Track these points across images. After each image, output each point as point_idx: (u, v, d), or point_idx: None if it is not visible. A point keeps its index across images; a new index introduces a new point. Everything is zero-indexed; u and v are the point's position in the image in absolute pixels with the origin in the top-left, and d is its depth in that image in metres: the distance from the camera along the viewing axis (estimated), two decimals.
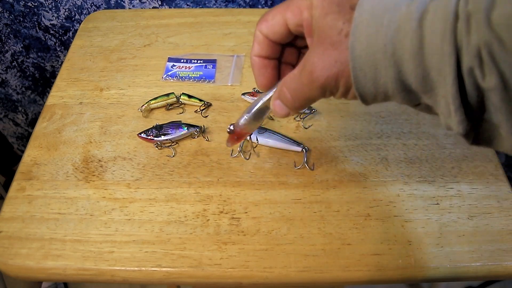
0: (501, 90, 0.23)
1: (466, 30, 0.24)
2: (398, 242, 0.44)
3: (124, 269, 0.42)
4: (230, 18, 0.71)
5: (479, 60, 0.23)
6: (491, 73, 0.23)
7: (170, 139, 0.52)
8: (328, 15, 0.30)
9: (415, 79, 0.27)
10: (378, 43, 0.28)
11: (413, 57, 0.26)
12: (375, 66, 0.28)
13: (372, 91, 0.30)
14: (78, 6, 0.83)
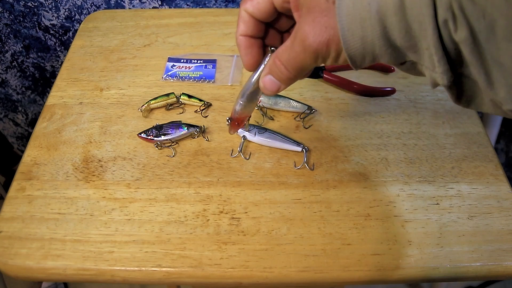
0: (471, 43, 0.25)
1: None
2: (398, 242, 0.44)
3: (124, 269, 0.42)
4: (230, 18, 0.71)
5: (452, 13, 0.25)
6: (461, 26, 0.25)
7: (170, 139, 0.52)
8: None
9: (399, 33, 0.28)
10: (362, 2, 0.29)
11: (395, 12, 0.28)
12: (361, 25, 0.29)
13: (361, 51, 0.31)
14: (78, 6, 0.83)
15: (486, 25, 0.24)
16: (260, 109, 0.56)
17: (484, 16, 0.24)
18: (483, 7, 0.24)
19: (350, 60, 0.32)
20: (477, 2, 0.24)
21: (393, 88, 0.59)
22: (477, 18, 0.24)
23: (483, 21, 0.24)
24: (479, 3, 0.24)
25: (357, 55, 0.31)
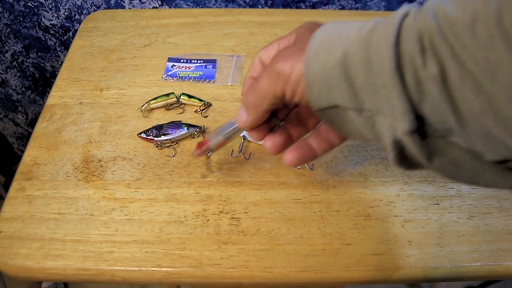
0: (441, 80, 0.23)
1: (413, 19, 0.25)
2: (398, 242, 0.44)
3: (124, 269, 0.42)
4: (230, 18, 0.71)
5: (421, 47, 0.24)
6: (431, 59, 0.24)
7: (170, 139, 0.52)
8: (305, 31, 0.34)
9: (358, 62, 0.27)
10: (333, 30, 0.30)
11: (360, 40, 0.27)
12: (327, 47, 0.29)
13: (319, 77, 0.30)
14: (78, 6, 0.84)
15: (456, 65, 0.23)
16: None
17: (455, 54, 0.23)
18: (452, 44, 0.23)
19: (308, 88, 0.30)
20: (447, 38, 0.23)
21: None
22: (449, 54, 0.23)
23: (454, 61, 0.23)
24: (449, 40, 0.23)
25: (314, 85, 0.30)
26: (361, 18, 0.71)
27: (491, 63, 0.21)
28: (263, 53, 0.38)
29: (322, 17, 0.71)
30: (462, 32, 0.22)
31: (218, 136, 0.44)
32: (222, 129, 0.44)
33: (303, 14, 0.72)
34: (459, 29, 0.22)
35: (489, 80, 0.22)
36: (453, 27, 0.23)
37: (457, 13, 0.23)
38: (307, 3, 0.81)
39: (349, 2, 0.81)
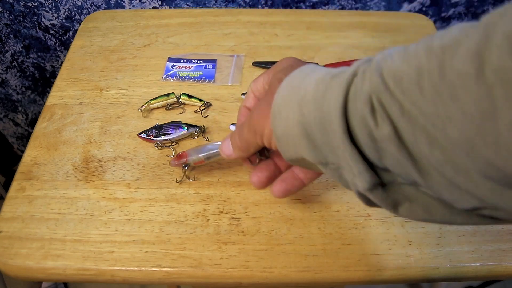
0: (393, 139, 0.23)
1: (361, 79, 0.25)
2: (398, 242, 0.44)
3: (124, 269, 0.42)
4: (230, 18, 0.71)
5: (371, 108, 0.24)
6: (383, 121, 0.23)
7: (170, 139, 0.52)
8: (279, 72, 0.36)
9: (314, 121, 0.28)
10: (294, 87, 0.31)
11: (315, 101, 0.28)
12: (288, 105, 0.30)
13: (284, 134, 0.31)
14: (78, 6, 0.84)
15: (408, 121, 0.22)
16: None
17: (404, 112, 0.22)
18: (401, 101, 0.22)
19: (277, 142, 0.33)
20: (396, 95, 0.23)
21: None
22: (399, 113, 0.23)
23: (404, 117, 0.22)
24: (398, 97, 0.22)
25: (282, 138, 0.32)
26: (361, 18, 0.71)
27: (440, 117, 0.21)
28: (254, 85, 0.41)
29: (322, 17, 0.71)
30: (410, 88, 0.22)
31: (198, 154, 0.47)
32: (205, 149, 0.47)
33: (303, 14, 0.72)
34: (407, 85, 0.22)
35: (441, 133, 0.21)
36: (401, 83, 0.22)
37: (402, 68, 0.23)
38: (307, 3, 0.81)
39: (349, 2, 0.81)
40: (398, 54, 0.24)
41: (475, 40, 0.19)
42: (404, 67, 0.23)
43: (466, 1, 0.81)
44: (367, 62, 0.26)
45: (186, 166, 0.48)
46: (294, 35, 0.68)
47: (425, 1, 0.81)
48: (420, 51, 0.22)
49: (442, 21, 0.85)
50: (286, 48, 0.66)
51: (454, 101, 0.20)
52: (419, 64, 0.22)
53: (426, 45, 0.22)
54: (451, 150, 0.21)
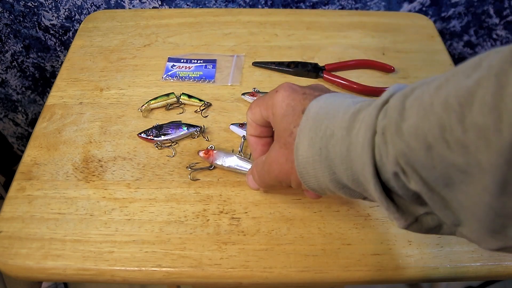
0: (427, 191, 0.24)
1: (383, 142, 0.26)
2: (398, 242, 0.44)
3: (124, 269, 0.42)
4: (230, 18, 0.71)
5: (400, 168, 0.25)
6: (414, 179, 0.24)
7: (170, 139, 0.52)
8: (284, 117, 0.35)
9: (348, 180, 0.30)
10: (315, 146, 0.31)
11: (342, 162, 0.29)
12: (314, 166, 0.32)
13: (317, 186, 0.33)
14: (78, 6, 0.83)
15: (440, 175, 0.23)
16: None
17: (435, 166, 0.23)
18: (431, 159, 0.23)
19: (312, 190, 0.34)
20: (421, 154, 0.23)
21: None
22: (426, 169, 0.23)
23: (435, 171, 0.23)
24: (422, 154, 0.23)
25: (315, 188, 0.33)
26: (361, 18, 0.71)
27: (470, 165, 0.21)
28: (251, 115, 0.40)
29: (322, 17, 0.71)
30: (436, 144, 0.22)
31: (225, 161, 0.49)
32: (233, 160, 0.49)
33: (303, 14, 0.72)
34: (432, 142, 0.22)
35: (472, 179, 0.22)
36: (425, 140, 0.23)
37: (423, 126, 0.23)
38: (307, 3, 0.81)
39: (349, 2, 0.81)
40: (413, 110, 0.24)
41: (489, 91, 0.19)
42: (425, 125, 0.23)
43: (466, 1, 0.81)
44: (383, 117, 0.26)
45: (211, 167, 0.50)
46: (294, 35, 0.68)
47: (425, 1, 0.81)
48: (437, 107, 0.22)
49: (442, 21, 0.85)
50: (286, 48, 0.66)
51: (480, 152, 0.20)
52: (440, 121, 0.22)
53: (442, 100, 0.22)
54: (485, 196, 0.21)
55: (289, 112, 0.35)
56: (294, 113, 0.34)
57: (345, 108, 0.31)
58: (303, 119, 0.33)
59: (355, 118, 0.29)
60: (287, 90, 0.36)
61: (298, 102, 0.35)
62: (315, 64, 0.62)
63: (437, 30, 0.70)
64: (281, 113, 0.35)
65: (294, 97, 0.35)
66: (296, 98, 0.35)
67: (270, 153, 0.37)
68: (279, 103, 0.35)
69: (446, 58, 0.65)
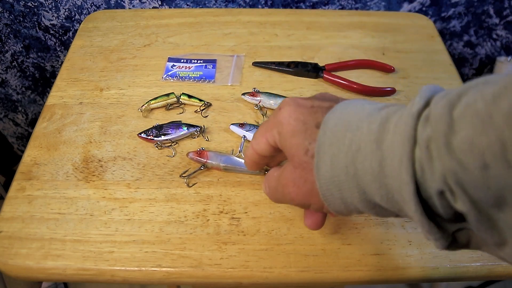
0: (476, 213, 0.22)
1: (428, 156, 0.23)
2: (398, 242, 0.44)
3: (124, 269, 0.42)
4: (230, 18, 0.71)
5: (448, 187, 0.22)
6: (462, 200, 0.22)
7: (170, 139, 0.52)
8: (295, 134, 0.31)
9: (381, 199, 0.26)
10: (340, 164, 0.28)
11: (374, 179, 0.26)
12: (339, 187, 0.28)
13: (344, 208, 0.30)
14: (78, 6, 0.84)
15: (493, 195, 0.21)
16: (260, 109, 0.56)
17: (489, 187, 0.21)
18: (486, 179, 0.20)
19: (336, 213, 0.31)
20: (474, 173, 0.21)
21: (393, 88, 0.59)
22: (478, 189, 0.21)
23: (489, 192, 0.21)
24: (476, 173, 0.20)
25: (341, 210, 0.30)
26: (361, 18, 0.71)
27: None
28: (255, 144, 0.36)
29: (322, 17, 0.71)
30: (495, 164, 0.20)
31: (219, 160, 0.49)
32: (228, 159, 0.49)
33: (303, 14, 0.72)
34: (491, 160, 0.20)
35: None
36: (482, 158, 0.20)
37: (481, 141, 0.20)
38: (307, 3, 0.81)
39: (349, 2, 0.81)
40: (465, 122, 0.21)
41: None
42: (483, 141, 0.20)
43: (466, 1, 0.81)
44: (423, 127, 0.23)
45: (203, 167, 0.49)
46: (294, 35, 0.68)
47: (425, 1, 0.81)
48: (498, 120, 0.19)
49: (442, 21, 0.85)
50: (286, 48, 0.66)
51: None
52: (501, 137, 0.19)
53: (505, 112, 0.19)
54: None
55: (300, 128, 0.31)
56: (307, 128, 0.31)
57: (368, 117, 0.28)
58: (320, 134, 0.29)
59: (384, 128, 0.26)
60: (291, 104, 0.32)
61: (308, 116, 0.31)
62: (315, 64, 0.62)
63: (437, 30, 0.70)
64: (290, 130, 0.31)
65: (302, 111, 0.32)
66: (304, 112, 0.31)
67: (284, 173, 0.33)
68: (286, 119, 0.32)
69: (446, 58, 0.65)
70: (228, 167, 0.49)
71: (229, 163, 0.49)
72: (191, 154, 0.50)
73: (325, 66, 0.62)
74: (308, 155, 0.30)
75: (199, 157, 0.49)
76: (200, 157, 0.49)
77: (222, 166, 0.49)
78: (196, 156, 0.49)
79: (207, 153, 0.49)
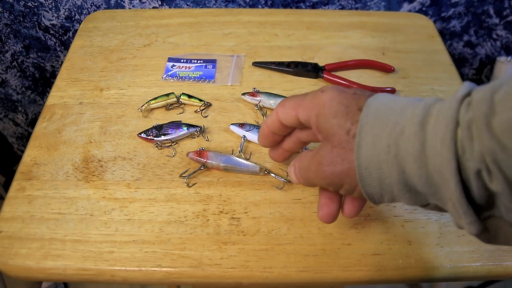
0: (509, 193, 0.23)
1: (468, 137, 0.24)
2: (398, 242, 0.44)
3: (124, 269, 0.42)
4: (230, 18, 0.71)
5: (485, 166, 0.23)
6: (498, 179, 0.23)
7: (170, 139, 0.52)
8: (337, 115, 0.32)
9: (419, 180, 0.27)
10: (382, 143, 0.28)
11: (415, 159, 0.27)
12: (379, 166, 0.29)
13: (378, 190, 0.30)
14: (78, 6, 0.84)
15: None
16: (260, 109, 0.56)
17: None
18: None
19: (368, 196, 0.31)
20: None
21: (393, 88, 0.59)
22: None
23: None
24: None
25: (374, 193, 0.31)
26: (361, 18, 0.71)
27: None
28: (282, 113, 0.37)
29: (322, 17, 0.71)
30: None
31: (219, 160, 0.49)
32: (228, 160, 0.49)
33: (303, 14, 0.72)
34: None
35: None
36: None
37: None
38: (307, 3, 0.81)
39: (349, 2, 0.81)
40: (505, 105, 0.22)
41: None
42: None
43: (466, 1, 0.81)
44: (466, 110, 0.24)
45: (203, 167, 0.49)
46: (294, 35, 0.68)
47: (425, 1, 0.81)
48: None
49: (442, 21, 0.85)
50: (286, 48, 0.66)
51: None
52: None
53: None
54: None
55: (343, 110, 0.32)
56: (349, 110, 0.31)
57: (411, 104, 0.29)
58: (362, 115, 0.30)
59: (428, 112, 0.27)
60: (335, 90, 0.33)
61: (351, 101, 0.32)
62: (315, 64, 0.62)
63: (437, 30, 0.70)
64: (332, 111, 0.32)
65: (345, 96, 0.33)
66: (347, 97, 0.32)
67: (320, 153, 0.33)
68: (328, 102, 0.33)
69: (446, 58, 0.65)
70: (228, 167, 0.49)
71: (229, 163, 0.49)
72: (191, 154, 0.50)
73: (325, 66, 0.62)
74: (350, 134, 0.31)
75: (199, 157, 0.49)
76: (200, 157, 0.49)
77: (222, 166, 0.49)
78: (196, 156, 0.49)
79: (207, 153, 0.49)
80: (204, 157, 0.49)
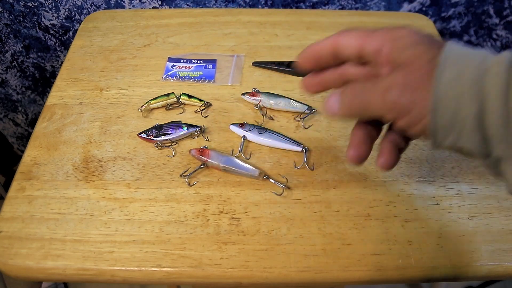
0: None
1: None
2: (398, 242, 0.44)
3: (124, 269, 0.42)
4: (230, 18, 0.71)
5: None
6: None
7: (170, 139, 0.52)
8: (420, 44, 0.31)
9: (498, 119, 0.26)
10: (466, 76, 0.28)
11: (498, 96, 0.26)
12: (458, 98, 0.28)
13: (448, 126, 0.29)
14: (78, 6, 0.83)
15: None
16: (260, 109, 0.56)
17: None
18: None
19: (432, 132, 0.30)
20: None
21: None
22: None
23: None
24: None
25: (441, 128, 0.29)
26: (361, 18, 0.71)
27: None
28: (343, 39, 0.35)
29: (322, 17, 0.71)
30: None
31: (220, 161, 0.49)
32: (229, 161, 0.49)
33: (303, 14, 0.72)
34: None
35: None
36: None
37: None
38: (307, 3, 0.81)
39: (349, 2, 0.81)
40: None
41: None
42: None
43: (466, 1, 0.81)
44: None
45: (203, 165, 0.50)
46: (294, 35, 0.68)
47: (425, 1, 0.81)
48: None
49: (442, 21, 0.85)
50: (286, 48, 0.66)
51: None
52: None
53: None
54: None
55: (425, 41, 0.31)
56: (432, 41, 0.31)
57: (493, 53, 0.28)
58: (446, 50, 0.29)
59: None
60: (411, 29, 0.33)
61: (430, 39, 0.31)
62: None
63: (437, 30, 0.70)
64: (415, 41, 0.31)
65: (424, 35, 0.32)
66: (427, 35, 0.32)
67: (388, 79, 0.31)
68: (408, 33, 0.32)
69: None
70: (227, 168, 0.49)
71: (228, 165, 0.49)
72: (193, 151, 0.50)
73: None
74: (432, 63, 0.30)
75: (201, 155, 0.49)
76: (201, 155, 0.49)
77: (221, 167, 0.49)
78: (198, 153, 0.50)
79: (209, 152, 0.50)
80: (205, 156, 0.49)
